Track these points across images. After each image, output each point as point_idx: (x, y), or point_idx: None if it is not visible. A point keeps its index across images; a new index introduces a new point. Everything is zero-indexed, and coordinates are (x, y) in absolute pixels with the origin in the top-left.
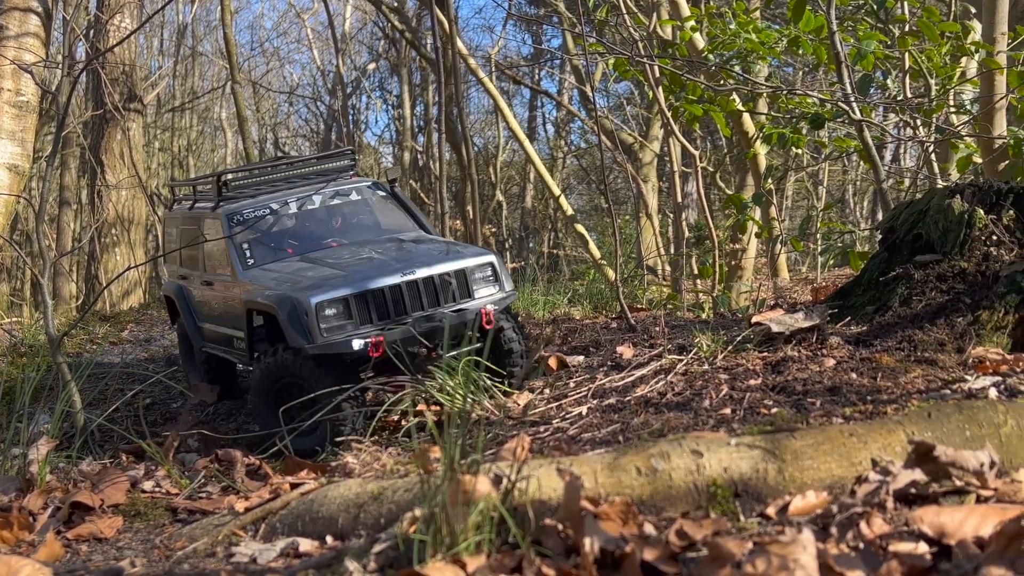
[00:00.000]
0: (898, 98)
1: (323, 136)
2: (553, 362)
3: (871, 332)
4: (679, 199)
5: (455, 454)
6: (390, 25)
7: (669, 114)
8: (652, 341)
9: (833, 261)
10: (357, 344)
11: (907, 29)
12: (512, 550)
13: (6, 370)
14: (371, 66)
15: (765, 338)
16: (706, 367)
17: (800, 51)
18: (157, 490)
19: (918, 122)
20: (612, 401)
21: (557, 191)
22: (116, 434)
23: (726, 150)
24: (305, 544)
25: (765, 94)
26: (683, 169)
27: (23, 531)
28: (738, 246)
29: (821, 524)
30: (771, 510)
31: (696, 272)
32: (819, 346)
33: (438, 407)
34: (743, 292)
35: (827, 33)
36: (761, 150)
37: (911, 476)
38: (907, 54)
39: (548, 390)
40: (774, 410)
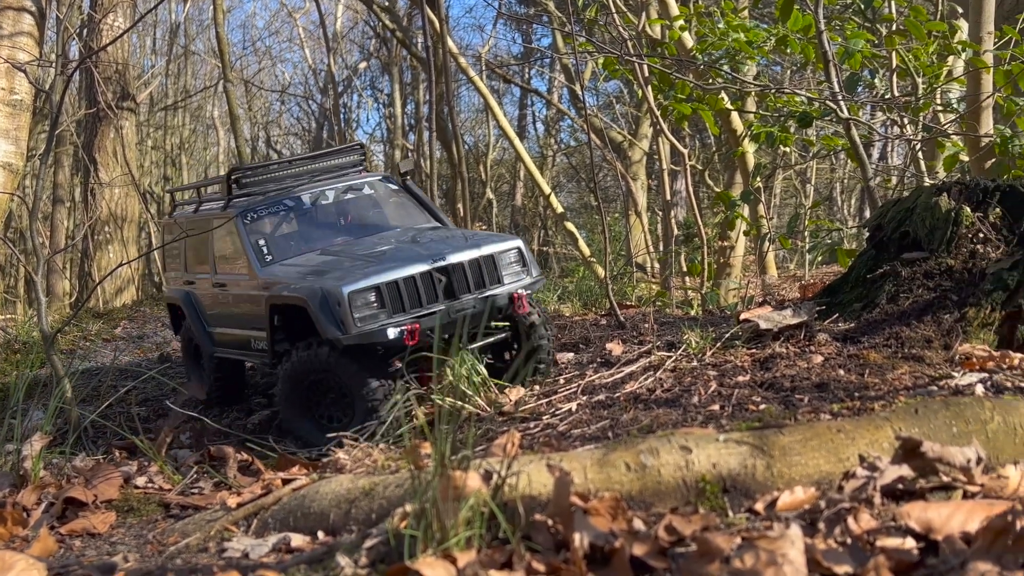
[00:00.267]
0: (885, 97)
1: (314, 134)
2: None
3: (859, 329)
4: (668, 197)
5: (446, 450)
6: (381, 24)
7: (658, 113)
8: (641, 338)
9: (821, 258)
10: (392, 333)
11: (894, 28)
12: (502, 545)
13: (0, 367)
14: (362, 65)
15: (753, 335)
16: (695, 364)
17: (788, 50)
18: (150, 486)
19: (905, 120)
20: (601, 397)
21: (547, 189)
22: (109, 430)
23: (715, 148)
24: (297, 539)
25: (753, 93)
26: (672, 167)
27: (17, 526)
28: (726, 243)
29: (809, 519)
30: (759, 506)
31: (685, 269)
32: (807, 343)
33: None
34: (732, 289)
35: (815, 32)
36: (749, 148)
37: (898, 472)
38: (894, 53)
39: (538, 387)
40: (762, 406)
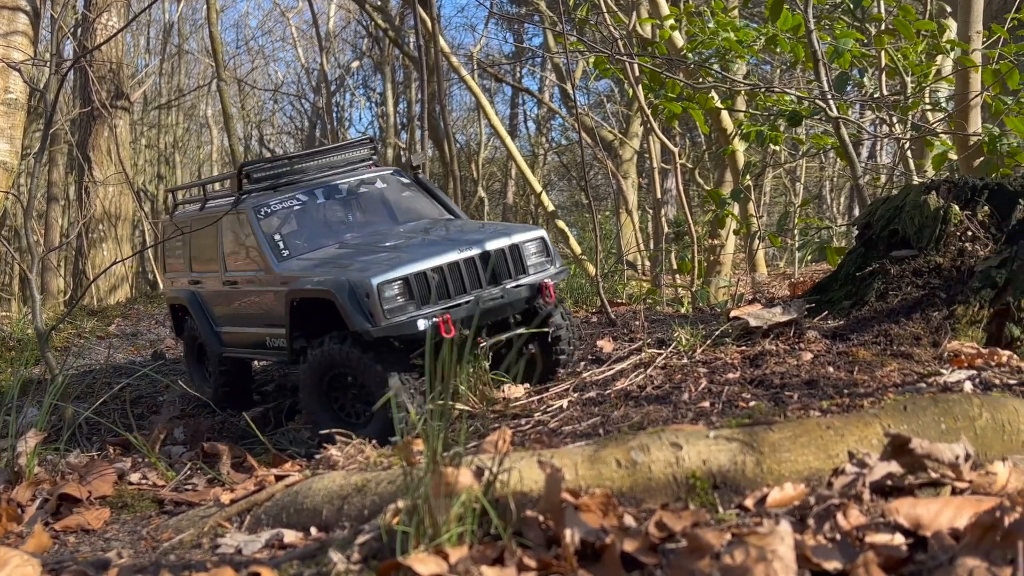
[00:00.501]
0: (874, 95)
1: (307, 133)
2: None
3: (848, 326)
4: (659, 195)
5: (438, 446)
6: (373, 24)
7: (649, 111)
8: (632, 335)
9: (810, 256)
10: (422, 324)
11: (883, 27)
12: (494, 541)
13: None
14: (355, 64)
15: (743, 332)
16: (685, 361)
17: (778, 49)
18: (144, 482)
19: (894, 119)
20: (593, 394)
21: (538, 187)
22: (103, 427)
23: (705, 147)
24: (290, 535)
25: (743, 92)
26: (662, 165)
27: (11, 522)
28: (717, 241)
29: (799, 516)
30: (749, 502)
31: (675, 267)
32: (796, 340)
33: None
34: (722, 287)
35: (804, 32)
36: (739, 147)
37: (887, 468)
38: (883, 52)
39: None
40: (752, 403)
